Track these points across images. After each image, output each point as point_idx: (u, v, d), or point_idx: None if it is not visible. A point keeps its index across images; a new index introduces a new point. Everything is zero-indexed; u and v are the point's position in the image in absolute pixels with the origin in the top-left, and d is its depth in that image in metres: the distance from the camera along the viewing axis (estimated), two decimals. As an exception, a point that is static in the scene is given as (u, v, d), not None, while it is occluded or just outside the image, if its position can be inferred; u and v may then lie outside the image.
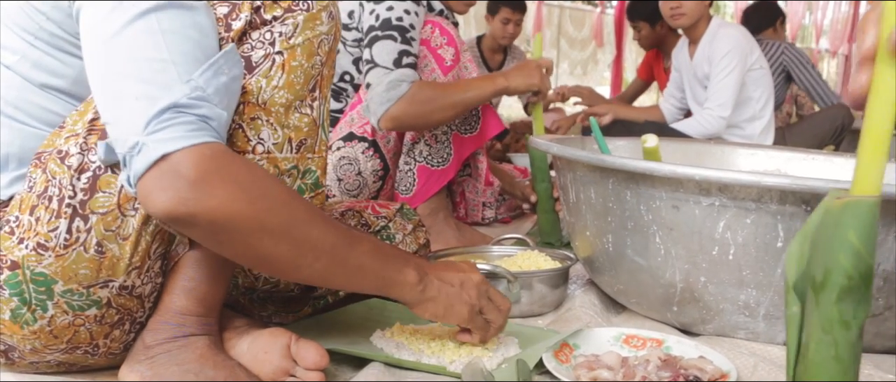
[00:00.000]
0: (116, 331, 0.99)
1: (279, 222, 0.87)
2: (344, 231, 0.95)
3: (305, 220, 0.90)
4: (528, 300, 1.40)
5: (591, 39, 8.63)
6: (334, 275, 0.95)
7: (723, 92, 2.99)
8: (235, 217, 0.83)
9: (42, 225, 0.91)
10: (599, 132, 1.69)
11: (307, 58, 1.00)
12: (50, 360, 0.99)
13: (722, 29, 3.12)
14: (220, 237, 0.85)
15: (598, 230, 1.37)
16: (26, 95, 0.97)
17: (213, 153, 0.83)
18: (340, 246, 0.92)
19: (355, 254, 0.94)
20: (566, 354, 1.13)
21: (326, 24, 1.02)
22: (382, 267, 0.98)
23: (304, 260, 0.90)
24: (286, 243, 0.88)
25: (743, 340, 1.26)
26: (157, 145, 0.81)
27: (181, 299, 0.99)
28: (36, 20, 0.95)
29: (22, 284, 0.92)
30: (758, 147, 1.99)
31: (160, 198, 0.81)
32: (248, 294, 1.26)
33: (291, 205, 0.89)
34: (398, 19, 1.78)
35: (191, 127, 0.83)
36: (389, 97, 1.72)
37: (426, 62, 1.86)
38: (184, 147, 0.81)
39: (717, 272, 1.21)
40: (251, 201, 0.84)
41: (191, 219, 0.82)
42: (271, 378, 1.01)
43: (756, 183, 1.12)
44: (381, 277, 0.98)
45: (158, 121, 0.82)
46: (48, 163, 0.93)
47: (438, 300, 1.04)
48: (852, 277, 0.71)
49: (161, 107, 0.82)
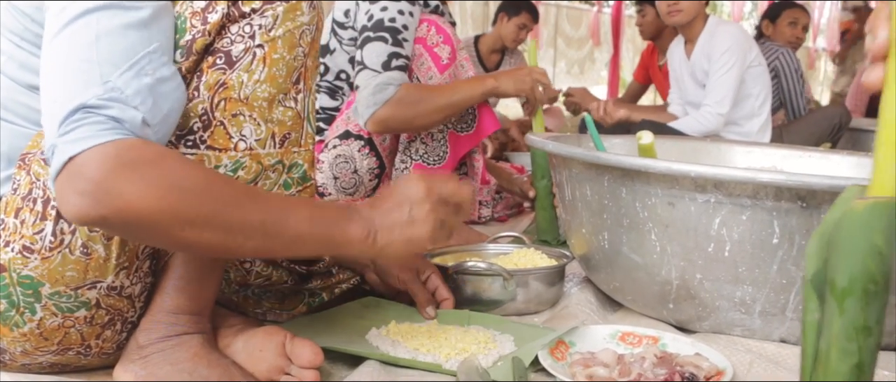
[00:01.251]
0: (108, 332, 0.99)
1: (196, 211, 0.83)
2: (276, 203, 0.92)
3: (227, 203, 0.86)
4: (525, 298, 1.40)
5: (587, 38, 8.63)
6: (272, 249, 0.93)
7: (721, 89, 3.00)
8: (147, 213, 0.80)
9: (27, 228, 0.91)
10: (595, 129, 1.69)
11: (289, 50, 0.98)
12: (42, 362, 0.99)
13: (720, 26, 3.12)
14: (140, 234, 0.84)
15: (594, 227, 1.37)
16: (14, 96, 0.96)
17: (117, 151, 0.79)
18: (271, 221, 0.88)
19: (291, 224, 0.90)
20: (562, 352, 1.13)
21: (307, 14, 1.00)
22: (323, 231, 0.93)
23: (235, 241, 0.86)
24: (210, 230, 0.84)
25: (739, 337, 1.26)
26: (66, 147, 0.79)
27: (172, 298, 0.99)
28: (21, 21, 0.94)
29: (9, 287, 0.91)
30: (754, 144, 1.99)
31: (71, 202, 0.79)
32: (242, 291, 1.26)
33: (209, 191, 0.85)
34: (391, 20, 1.78)
35: (99, 127, 0.80)
36: (376, 100, 1.73)
37: (422, 60, 1.85)
38: (88, 147, 0.79)
39: (713, 269, 1.21)
40: (161, 195, 0.80)
41: (103, 221, 0.79)
42: (266, 376, 1.01)
43: (751, 179, 1.12)
44: (324, 241, 0.94)
45: (69, 123, 0.80)
46: (32, 165, 0.92)
47: (393, 241, 0.97)
48: (878, 282, 0.69)
49: (72, 108, 0.80)
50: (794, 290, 1.18)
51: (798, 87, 3.86)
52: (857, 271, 0.70)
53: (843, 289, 0.70)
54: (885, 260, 0.69)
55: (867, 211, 0.69)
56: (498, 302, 1.38)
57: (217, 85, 0.94)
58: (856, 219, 0.70)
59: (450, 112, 1.85)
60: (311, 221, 0.92)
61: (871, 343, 0.70)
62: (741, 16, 10.93)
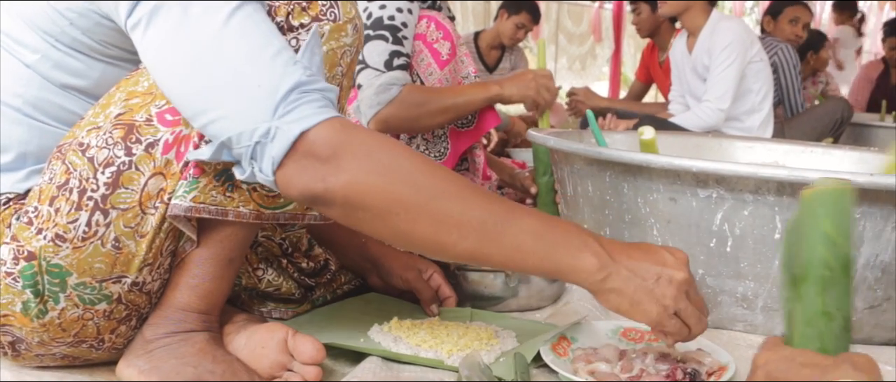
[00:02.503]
0: (123, 327, 0.99)
1: (414, 195, 0.84)
2: (499, 205, 0.89)
3: (447, 193, 0.85)
4: (526, 294, 1.40)
5: (589, 34, 8.60)
6: (488, 255, 0.87)
7: (722, 84, 2.99)
8: (371, 192, 0.82)
9: (61, 217, 0.91)
10: (596, 125, 1.69)
11: (329, 68, 0.99)
12: (55, 353, 0.99)
13: (722, 22, 3.12)
14: (358, 214, 0.84)
15: (596, 223, 1.37)
16: (46, 95, 0.97)
17: (342, 126, 0.83)
18: (492, 223, 0.86)
19: (512, 232, 0.87)
20: (564, 347, 1.13)
21: (351, 36, 1.01)
22: (549, 249, 0.89)
23: (449, 237, 0.85)
24: (425, 219, 0.84)
25: (741, 332, 1.26)
26: (291, 125, 0.82)
27: (185, 295, 0.99)
28: (59, 24, 0.94)
29: (36, 275, 0.92)
30: (756, 140, 1.99)
31: (301, 180, 0.82)
32: (247, 291, 1.26)
33: (429, 177, 0.85)
34: (390, 18, 1.77)
35: (318, 103, 0.84)
36: (379, 100, 1.73)
37: (422, 56, 1.85)
38: (318, 122, 0.82)
39: (715, 264, 1.21)
40: (386, 175, 0.83)
41: (326, 195, 0.82)
42: (269, 372, 1.01)
43: (753, 174, 1.12)
44: (548, 260, 0.89)
45: (287, 103, 0.82)
46: (68, 154, 0.93)
47: (624, 293, 0.91)
48: (832, 268, 0.70)
49: (287, 89, 0.83)
50: (796, 285, 1.18)
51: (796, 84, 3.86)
52: (810, 258, 0.71)
53: (798, 276, 0.72)
54: (837, 247, 0.70)
55: (815, 200, 0.70)
56: (500, 298, 1.38)
57: None
58: (806, 208, 0.72)
59: (452, 115, 1.85)
60: (536, 235, 0.88)
61: (835, 328, 0.71)
62: (743, 11, 10.91)
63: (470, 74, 1.98)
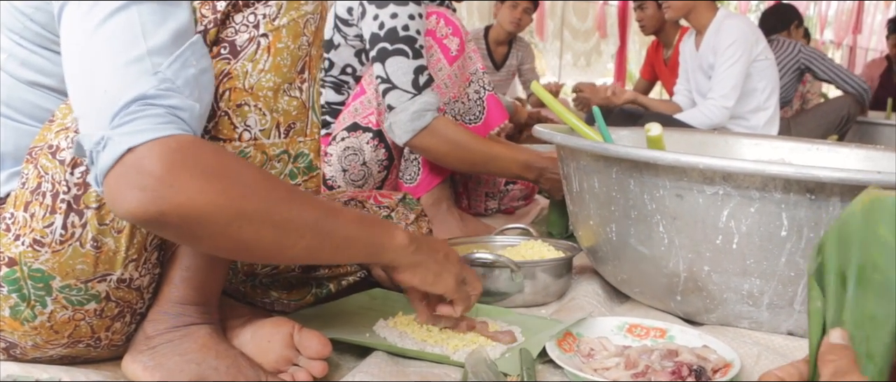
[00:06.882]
0: (117, 324, 0.99)
1: (257, 207, 0.83)
2: (324, 205, 0.93)
3: (284, 200, 0.86)
4: (532, 289, 1.40)
5: (594, 30, 8.58)
6: (322, 250, 0.93)
7: (726, 82, 2.99)
8: (208, 209, 0.79)
9: (37, 222, 0.90)
10: (603, 121, 1.69)
11: (293, 39, 0.98)
12: (52, 355, 0.99)
13: (727, 19, 3.11)
14: (197, 231, 0.81)
15: (602, 219, 1.37)
16: (17, 93, 0.96)
17: (179, 145, 0.78)
18: (323, 220, 0.90)
19: (340, 225, 0.92)
20: (569, 343, 1.13)
21: (311, 3, 1.00)
22: (370, 234, 0.97)
23: (289, 240, 0.87)
24: (267, 227, 0.84)
25: (746, 329, 1.25)
26: (122, 139, 0.77)
27: (179, 289, 0.99)
28: (20, 20, 0.94)
29: (20, 281, 0.91)
30: (762, 137, 1.99)
31: (127, 197, 0.76)
32: (249, 280, 1.26)
33: (267, 188, 0.86)
34: (404, 28, 1.76)
35: (159, 119, 0.79)
36: (415, 127, 1.74)
37: (432, 52, 1.85)
38: (149, 140, 0.77)
39: (721, 261, 1.21)
40: (223, 190, 0.80)
41: (160, 217, 0.77)
42: (274, 367, 1.01)
43: (760, 171, 1.12)
44: (370, 244, 0.97)
45: (125, 114, 0.78)
46: (39, 158, 0.92)
47: (428, 265, 1.04)
48: (884, 272, 0.69)
49: (128, 99, 0.79)
50: (802, 283, 1.18)
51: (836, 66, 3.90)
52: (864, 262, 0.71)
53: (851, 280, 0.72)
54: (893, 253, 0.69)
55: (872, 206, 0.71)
56: (505, 293, 1.38)
57: (221, 75, 0.94)
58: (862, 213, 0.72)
59: (479, 169, 1.90)
60: (359, 223, 0.96)
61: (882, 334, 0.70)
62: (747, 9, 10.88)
63: (477, 70, 1.98)
